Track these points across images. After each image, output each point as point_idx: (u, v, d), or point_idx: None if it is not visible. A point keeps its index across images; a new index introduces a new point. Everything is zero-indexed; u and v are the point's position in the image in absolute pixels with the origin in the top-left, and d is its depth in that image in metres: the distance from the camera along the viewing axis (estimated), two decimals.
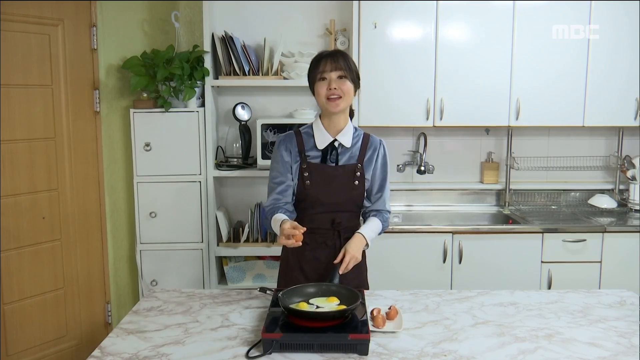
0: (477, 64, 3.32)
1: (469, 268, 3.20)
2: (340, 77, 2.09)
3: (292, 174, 2.16)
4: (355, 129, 2.23)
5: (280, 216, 2.09)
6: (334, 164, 2.15)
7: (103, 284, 3.40)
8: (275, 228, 2.07)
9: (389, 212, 2.27)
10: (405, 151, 3.72)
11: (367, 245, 2.16)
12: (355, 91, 2.15)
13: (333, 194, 2.13)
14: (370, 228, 2.18)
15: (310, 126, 2.22)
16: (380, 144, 2.23)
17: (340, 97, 2.09)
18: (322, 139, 2.16)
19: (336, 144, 2.16)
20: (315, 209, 2.15)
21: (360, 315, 1.76)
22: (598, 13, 3.29)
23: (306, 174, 2.13)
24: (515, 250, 3.19)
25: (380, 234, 2.24)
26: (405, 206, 3.71)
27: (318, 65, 2.11)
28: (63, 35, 3.10)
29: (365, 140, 2.21)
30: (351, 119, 2.25)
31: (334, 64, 2.08)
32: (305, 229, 1.94)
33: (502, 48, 3.32)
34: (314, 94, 2.16)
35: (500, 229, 3.25)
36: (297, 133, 2.21)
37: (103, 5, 3.24)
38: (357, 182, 2.15)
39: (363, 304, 1.84)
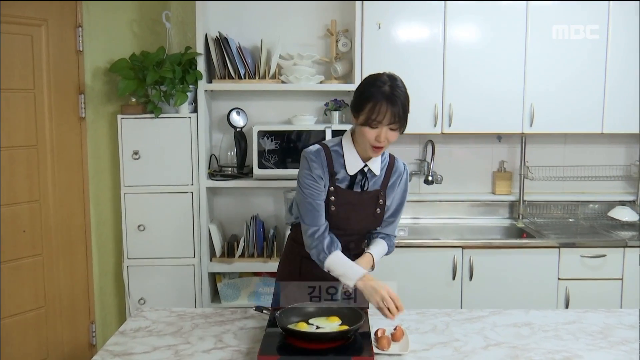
0: (488, 66, 3.33)
1: (481, 285, 3.19)
2: (392, 128, 2.00)
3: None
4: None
5: (354, 264, 2.02)
6: (359, 190, 2.13)
7: (87, 303, 3.39)
8: (345, 271, 1.99)
9: (395, 236, 2.30)
10: (411, 160, 3.72)
11: (372, 268, 2.17)
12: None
13: (355, 223, 2.14)
14: (378, 251, 2.21)
15: (340, 144, 2.12)
16: (404, 169, 2.22)
17: (384, 147, 2.04)
18: (353, 164, 2.10)
19: (366, 169, 2.12)
20: (337, 230, 2.14)
21: (364, 337, 1.75)
22: (616, 12, 3.30)
23: (332, 198, 2.10)
24: (530, 267, 3.18)
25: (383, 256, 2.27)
26: (411, 219, 3.70)
27: (374, 110, 1.96)
28: (47, 36, 3.10)
29: (391, 164, 2.19)
30: None
31: (391, 115, 1.96)
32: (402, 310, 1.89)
33: (514, 50, 3.32)
34: (355, 118, 2.05)
35: (513, 244, 3.25)
36: (326, 150, 2.10)
37: (90, 5, 3.25)
38: (378, 209, 2.15)
39: (366, 324, 1.83)
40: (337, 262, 2.03)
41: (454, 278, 3.18)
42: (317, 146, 2.12)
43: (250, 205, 3.59)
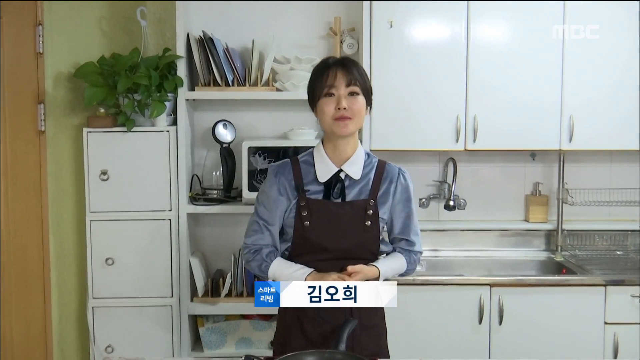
0: (520, 72, 3.34)
1: (512, 330, 3.16)
2: (351, 93, 2.11)
3: (284, 212, 2.19)
4: (368, 155, 2.25)
5: (296, 266, 2.16)
6: (339, 200, 2.17)
7: (45, 350, 3.37)
8: (293, 271, 2.14)
9: (420, 252, 2.31)
10: (429, 182, 3.72)
11: (378, 278, 2.16)
12: (367, 110, 2.19)
13: (339, 238, 2.14)
14: (389, 264, 2.21)
15: (311, 154, 2.24)
16: (399, 173, 2.25)
17: (350, 119, 2.11)
18: (324, 170, 2.18)
19: (342, 175, 2.18)
20: (318, 256, 2.16)
21: None
22: None
23: (305, 213, 2.14)
24: (571, 308, 3.16)
25: (403, 275, 2.27)
26: (430, 251, 3.68)
27: (324, 76, 2.12)
28: (0, 35, 3.12)
29: (380, 169, 2.22)
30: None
31: (345, 76, 2.10)
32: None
33: (550, 52, 3.33)
34: (314, 110, 2.20)
35: (551, 281, 3.22)
36: (294, 162, 2.22)
37: None
38: (369, 222, 2.16)
39: None
40: (282, 264, 2.17)
41: (480, 322, 3.16)
42: (285, 160, 2.26)
43: (239, 234, 3.53)
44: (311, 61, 3.36)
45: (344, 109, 2.09)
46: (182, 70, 3.26)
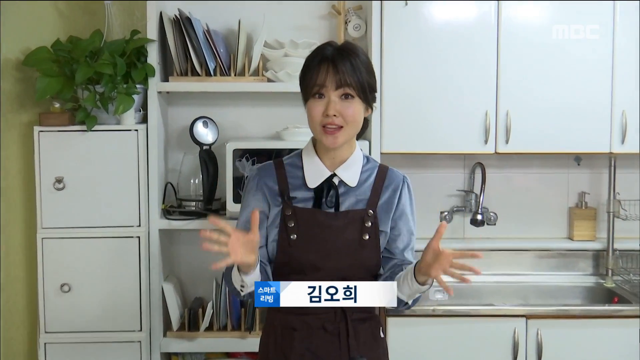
0: (562, 60, 3.34)
1: None
2: (345, 96, 2.08)
3: (266, 225, 2.20)
4: (367, 159, 2.25)
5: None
6: (332, 210, 2.17)
7: None
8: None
9: None
10: (452, 191, 3.72)
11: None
12: (368, 111, 2.18)
13: (332, 255, 2.15)
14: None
15: (299, 155, 2.25)
16: (403, 181, 2.25)
17: (341, 128, 2.09)
18: (314, 174, 2.18)
19: (336, 180, 2.18)
20: (306, 275, 2.14)
21: None
22: None
23: (291, 225, 2.15)
24: (624, 344, 3.15)
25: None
26: None
27: (314, 72, 2.10)
28: None
29: (381, 175, 2.23)
30: (362, 133, 2.29)
31: (337, 75, 2.06)
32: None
33: (598, 37, 3.34)
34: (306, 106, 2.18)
35: (599, 312, 3.23)
36: (278, 165, 2.24)
37: None
38: (367, 236, 2.16)
39: None
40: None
41: (515, 359, 3.16)
42: (268, 162, 2.30)
43: (221, 256, 3.56)
44: (309, 46, 3.36)
45: (334, 116, 2.07)
46: (153, 57, 3.25)
